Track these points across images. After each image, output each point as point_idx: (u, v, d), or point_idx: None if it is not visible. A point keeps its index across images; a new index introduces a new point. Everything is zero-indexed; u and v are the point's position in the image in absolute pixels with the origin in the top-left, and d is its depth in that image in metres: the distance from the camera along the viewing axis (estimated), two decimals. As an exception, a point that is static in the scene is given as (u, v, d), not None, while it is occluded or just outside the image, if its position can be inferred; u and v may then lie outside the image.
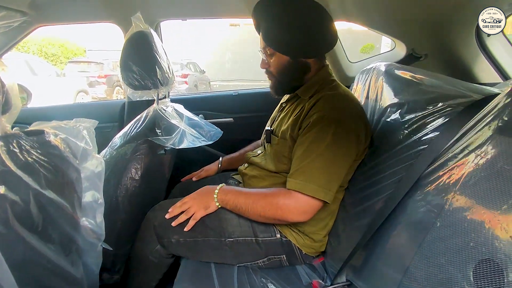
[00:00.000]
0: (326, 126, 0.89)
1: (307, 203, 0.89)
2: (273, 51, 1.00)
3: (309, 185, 0.87)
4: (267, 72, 1.07)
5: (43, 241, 0.62)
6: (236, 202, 0.96)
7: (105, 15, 1.48)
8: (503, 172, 0.54)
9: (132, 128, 1.13)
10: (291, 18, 0.96)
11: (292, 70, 1.01)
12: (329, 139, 0.88)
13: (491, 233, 0.52)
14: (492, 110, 0.60)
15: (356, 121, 0.93)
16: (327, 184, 0.88)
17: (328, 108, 0.93)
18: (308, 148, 0.90)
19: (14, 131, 0.61)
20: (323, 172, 0.88)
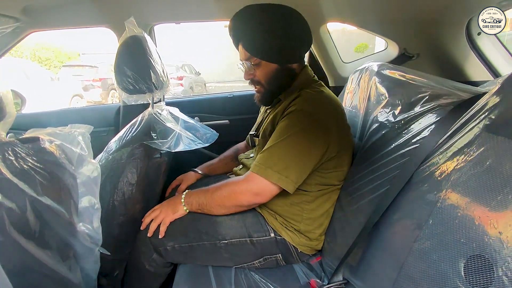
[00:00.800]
0: (299, 117, 0.91)
1: (262, 186, 0.90)
2: (259, 60, 0.99)
3: (268, 170, 0.89)
4: (252, 82, 1.06)
5: (40, 247, 0.63)
6: (199, 200, 0.99)
7: (98, 19, 1.48)
8: (492, 169, 0.55)
9: (127, 132, 1.13)
10: (272, 26, 0.96)
11: (281, 77, 1.02)
12: (297, 129, 0.90)
13: (481, 229, 0.53)
14: (480, 109, 0.62)
15: (329, 117, 0.94)
16: (284, 171, 0.88)
17: (304, 103, 0.94)
18: (274, 136, 0.93)
19: (9, 139, 0.61)
20: (283, 158, 0.89)
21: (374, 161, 0.90)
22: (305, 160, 0.91)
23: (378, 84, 1.06)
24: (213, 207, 0.97)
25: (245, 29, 0.99)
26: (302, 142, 0.90)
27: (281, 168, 0.88)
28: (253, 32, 0.98)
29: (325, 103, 0.98)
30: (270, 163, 0.89)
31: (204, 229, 0.99)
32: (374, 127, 0.99)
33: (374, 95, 1.07)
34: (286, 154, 0.89)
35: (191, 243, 0.99)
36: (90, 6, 1.28)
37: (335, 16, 1.63)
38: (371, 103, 1.07)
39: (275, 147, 0.90)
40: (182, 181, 1.32)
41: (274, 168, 0.88)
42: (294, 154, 0.89)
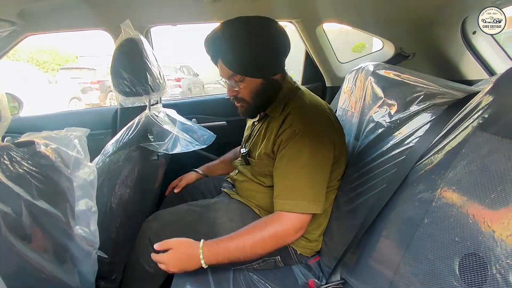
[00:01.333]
0: (300, 140, 0.89)
1: (301, 220, 0.88)
2: (243, 77, 0.95)
3: (299, 203, 0.87)
4: (236, 99, 1.02)
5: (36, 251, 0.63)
6: (230, 257, 0.86)
7: (94, 22, 1.48)
8: (485, 167, 0.55)
9: (124, 134, 1.13)
10: (253, 40, 0.92)
11: (266, 91, 0.99)
12: (306, 153, 0.88)
13: (475, 227, 0.53)
14: (473, 108, 0.62)
15: (326, 127, 0.94)
16: (316, 197, 0.89)
17: (298, 122, 0.91)
18: (288, 166, 0.90)
19: (4, 144, 0.61)
20: (309, 186, 0.88)
21: (370, 161, 0.91)
22: (324, 177, 0.92)
23: (374, 84, 1.07)
24: (254, 256, 0.89)
25: (225, 46, 0.93)
26: (316, 163, 0.89)
27: (310, 196, 0.88)
28: (234, 49, 0.92)
29: (318, 115, 0.96)
30: (298, 195, 0.87)
31: (203, 231, 0.99)
32: (370, 127, 0.99)
33: (370, 95, 1.07)
34: (309, 181, 0.88)
35: None
36: (86, 9, 1.28)
37: (331, 16, 1.64)
38: (367, 103, 1.07)
39: (295, 177, 0.88)
40: (182, 180, 1.34)
41: (306, 199, 0.87)
42: (315, 178, 0.89)
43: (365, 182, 0.89)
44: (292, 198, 0.88)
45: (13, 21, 1.25)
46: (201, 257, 0.85)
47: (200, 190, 1.33)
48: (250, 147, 1.10)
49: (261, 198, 1.04)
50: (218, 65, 0.97)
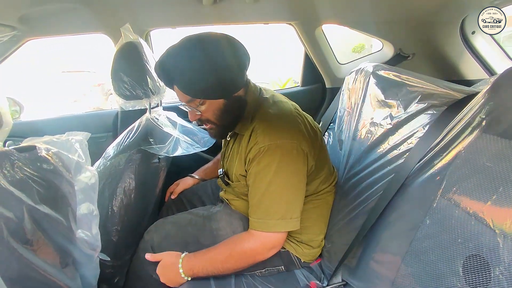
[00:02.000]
0: (265, 156, 0.85)
1: (272, 239, 0.87)
2: (203, 100, 0.89)
3: (268, 222, 0.85)
4: (201, 122, 0.95)
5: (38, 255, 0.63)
6: (204, 270, 0.90)
7: (94, 26, 1.48)
8: (486, 168, 0.55)
9: (125, 138, 1.14)
10: (206, 62, 0.85)
11: (231, 110, 0.92)
12: (273, 169, 0.84)
13: (477, 229, 0.53)
14: (473, 109, 0.62)
15: (293, 137, 0.88)
16: (286, 214, 0.86)
17: (262, 138, 0.86)
18: (255, 184, 0.88)
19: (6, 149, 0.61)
20: (277, 204, 0.85)
21: (370, 163, 0.91)
22: (298, 191, 0.88)
23: (373, 85, 1.07)
24: (226, 271, 0.90)
25: (179, 70, 0.86)
26: (284, 179, 0.85)
27: (282, 213, 0.85)
28: (188, 72, 0.85)
29: (283, 125, 0.90)
30: (269, 214, 0.85)
31: (205, 242, 0.98)
32: (370, 128, 0.99)
33: (370, 96, 1.07)
34: (279, 198, 0.85)
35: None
36: (86, 13, 1.29)
37: (330, 18, 1.64)
38: (367, 104, 1.07)
39: (264, 197, 0.85)
40: (179, 184, 1.33)
41: (276, 217, 0.85)
42: (286, 194, 0.86)
43: (365, 184, 0.89)
44: (260, 216, 0.86)
45: (14, 26, 1.26)
46: (180, 267, 0.90)
47: (198, 195, 1.32)
48: (226, 168, 1.06)
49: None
50: (175, 90, 0.91)
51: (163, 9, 1.36)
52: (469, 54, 1.51)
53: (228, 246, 0.90)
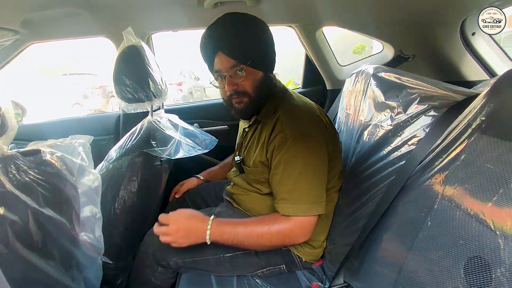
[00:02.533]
0: (293, 145, 0.88)
1: (306, 223, 0.89)
2: (246, 67, 0.91)
3: (302, 206, 0.88)
4: (237, 93, 0.95)
5: (43, 258, 0.64)
6: (234, 240, 0.90)
7: (96, 30, 1.49)
8: (486, 170, 0.55)
9: (127, 140, 1.14)
10: (257, 32, 0.94)
11: (266, 86, 0.97)
12: (301, 156, 0.88)
13: (478, 230, 0.54)
14: (473, 110, 0.63)
15: (317, 126, 0.94)
16: (317, 198, 0.89)
17: (288, 126, 0.91)
18: (285, 172, 0.90)
19: (11, 153, 0.62)
20: (309, 189, 0.89)
21: (371, 164, 0.91)
22: (323, 177, 0.92)
23: (374, 87, 1.07)
24: (256, 247, 0.93)
25: (229, 36, 0.92)
26: (313, 165, 0.89)
27: (312, 198, 0.88)
28: (239, 38, 0.92)
29: (308, 115, 0.96)
30: (300, 199, 0.88)
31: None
32: (370, 130, 1.00)
33: (370, 98, 1.07)
34: (308, 184, 0.88)
35: (194, 258, 0.98)
36: (88, 17, 1.29)
37: (330, 20, 1.65)
38: (368, 106, 1.08)
39: (298, 183, 0.88)
40: (183, 185, 1.34)
41: (310, 201, 0.88)
42: (313, 180, 0.89)
43: (367, 185, 0.90)
44: (294, 202, 0.88)
45: (17, 30, 1.27)
46: (208, 229, 0.88)
47: (201, 195, 1.33)
48: (244, 155, 1.08)
49: (260, 209, 1.03)
50: (217, 59, 0.94)
51: (164, 13, 1.37)
52: (470, 55, 1.51)
53: (265, 222, 0.91)
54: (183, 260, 0.98)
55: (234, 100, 0.97)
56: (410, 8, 1.37)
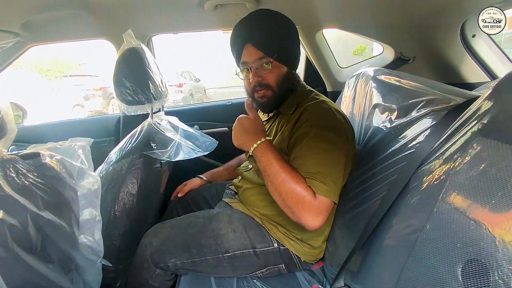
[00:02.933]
0: (318, 134, 0.89)
1: (326, 205, 0.84)
2: (271, 61, 0.95)
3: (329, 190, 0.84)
4: (260, 86, 0.98)
5: (42, 261, 0.64)
6: (267, 167, 0.88)
7: (97, 32, 1.50)
8: (486, 173, 0.55)
9: (127, 143, 1.15)
10: (284, 29, 0.99)
11: (289, 81, 1.00)
12: (326, 146, 0.88)
13: (476, 233, 0.53)
14: (473, 113, 0.63)
15: (342, 123, 0.95)
16: (335, 186, 0.85)
17: (315, 118, 0.93)
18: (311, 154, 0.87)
19: (10, 156, 0.62)
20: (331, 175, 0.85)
21: (371, 167, 0.91)
22: (342, 172, 0.90)
23: (374, 90, 1.07)
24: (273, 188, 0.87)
25: (259, 29, 0.97)
26: (335, 156, 0.89)
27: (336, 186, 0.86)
28: (268, 31, 0.97)
29: (333, 112, 0.96)
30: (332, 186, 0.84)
31: (207, 243, 0.98)
32: (371, 132, 1.00)
33: (371, 100, 1.08)
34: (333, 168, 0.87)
35: (193, 259, 0.98)
36: (88, 19, 1.30)
37: (330, 22, 1.65)
38: (368, 108, 1.08)
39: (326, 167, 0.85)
40: (186, 185, 1.36)
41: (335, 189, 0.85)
42: (335, 169, 0.87)
43: (367, 188, 0.89)
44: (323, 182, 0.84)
45: (17, 32, 1.28)
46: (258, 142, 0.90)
47: (203, 195, 1.34)
48: None
49: (265, 206, 1.03)
50: (245, 51, 0.98)
51: (165, 15, 1.38)
52: (470, 57, 1.51)
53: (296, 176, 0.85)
54: (182, 261, 0.98)
55: (256, 94, 1.01)
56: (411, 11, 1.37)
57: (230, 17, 1.43)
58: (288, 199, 0.84)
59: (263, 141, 0.90)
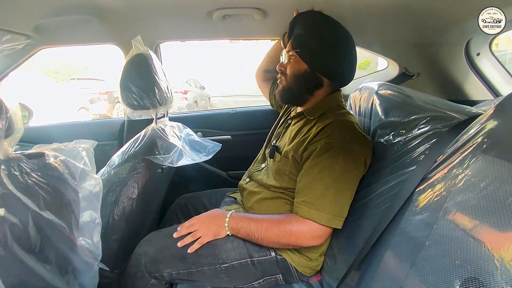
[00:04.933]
0: (335, 153, 0.90)
1: (321, 230, 0.90)
2: (294, 54, 1.02)
3: (323, 215, 0.88)
4: (282, 73, 1.07)
5: (40, 261, 0.63)
6: (248, 230, 0.95)
7: (106, 37, 1.53)
8: (486, 191, 0.55)
9: (130, 147, 1.15)
10: (323, 32, 1.00)
11: (305, 80, 1.02)
12: (339, 168, 0.89)
13: (475, 251, 0.53)
14: (475, 131, 0.63)
15: (364, 146, 0.95)
16: (340, 212, 0.90)
17: (337, 135, 0.93)
18: (319, 176, 0.90)
19: (16, 155, 0.63)
20: (336, 201, 0.89)
21: (372, 181, 0.91)
22: (351, 195, 0.92)
23: (377, 105, 1.08)
24: (265, 242, 0.94)
25: (304, 25, 1.03)
26: (347, 180, 0.90)
27: (335, 211, 0.89)
28: (307, 30, 1.01)
29: (357, 133, 0.97)
30: (324, 207, 0.88)
31: (204, 253, 0.97)
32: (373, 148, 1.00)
33: (374, 115, 1.08)
34: (337, 196, 0.89)
35: (189, 269, 0.97)
36: (99, 25, 1.32)
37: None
38: (371, 122, 1.08)
39: (325, 190, 0.89)
40: None
41: (331, 213, 0.88)
42: (343, 194, 0.90)
43: (367, 203, 0.89)
44: (318, 208, 0.88)
45: (29, 34, 1.30)
46: (227, 221, 0.97)
47: (202, 202, 1.34)
48: (280, 143, 1.11)
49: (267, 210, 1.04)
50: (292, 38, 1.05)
51: (173, 23, 1.40)
52: (474, 75, 1.52)
53: (278, 220, 0.94)
54: (178, 271, 0.96)
55: (278, 80, 1.09)
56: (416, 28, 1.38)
57: (238, 28, 1.46)
58: (281, 239, 0.91)
59: (231, 213, 0.99)
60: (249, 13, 1.22)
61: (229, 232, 0.97)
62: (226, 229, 0.97)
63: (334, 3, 1.11)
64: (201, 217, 1.01)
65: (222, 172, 1.86)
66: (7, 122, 0.59)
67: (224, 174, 1.86)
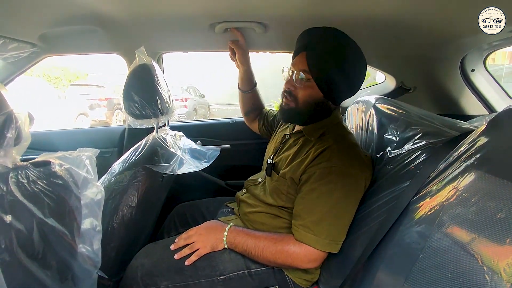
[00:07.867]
0: (334, 179, 0.89)
1: (316, 254, 0.91)
2: (310, 78, 0.96)
3: (320, 240, 0.89)
4: (289, 94, 1.01)
5: (41, 268, 0.64)
6: (245, 246, 0.95)
7: (110, 47, 1.55)
8: (478, 206, 0.57)
9: (131, 155, 1.17)
10: (344, 58, 0.95)
11: (317, 107, 1.00)
12: (338, 193, 0.89)
13: (467, 265, 0.54)
14: (467, 147, 0.65)
15: (363, 171, 0.94)
16: (337, 236, 0.91)
17: (336, 160, 0.91)
18: (317, 202, 0.91)
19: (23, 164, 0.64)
20: (334, 226, 0.90)
21: (367, 195, 0.93)
22: (350, 219, 0.92)
23: (373, 119, 1.10)
24: (261, 259, 0.95)
25: (322, 45, 0.95)
26: (346, 205, 0.91)
27: (332, 236, 0.90)
28: (326, 53, 0.95)
29: (356, 154, 0.96)
30: (321, 233, 0.89)
31: (201, 265, 0.97)
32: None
33: (370, 128, 1.10)
34: (335, 221, 0.90)
35: (186, 282, 0.95)
36: (103, 35, 1.35)
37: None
38: (368, 136, 1.10)
39: (322, 215, 0.89)
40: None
41: (328, 238, 0.89)
42: (343, 219, 0.91)
43: (362, 216, 0.91)
44: (315, 233, 0.89)
45: (34, 43, 1.33)
46: (225, 234, 0.98)
47: (200, 210, 1.35)
48: (277, 161, 1.09)
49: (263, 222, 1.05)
50: (299, 55, 0.98)
51: (176, 35, 1.43)
52: (469, 91, 1.56)
53: (276, 238, 0.94)
54: (174, 284, 0.95)
55: (284, 99, 1.03)
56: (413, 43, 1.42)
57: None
58: (278, 259, 0.92)
59: (229, 227, 0.99)
60: (251, 26, 1.26)
61: (226, 246, 0.98)
62: (224, 242, 0.98)
63: (332, 18, 1.13)
64: (199, 229, 1.01)
65: (221, 181, 1.87)
66: (16, 131, 0.61)
67: (223, 183, 1.87)
